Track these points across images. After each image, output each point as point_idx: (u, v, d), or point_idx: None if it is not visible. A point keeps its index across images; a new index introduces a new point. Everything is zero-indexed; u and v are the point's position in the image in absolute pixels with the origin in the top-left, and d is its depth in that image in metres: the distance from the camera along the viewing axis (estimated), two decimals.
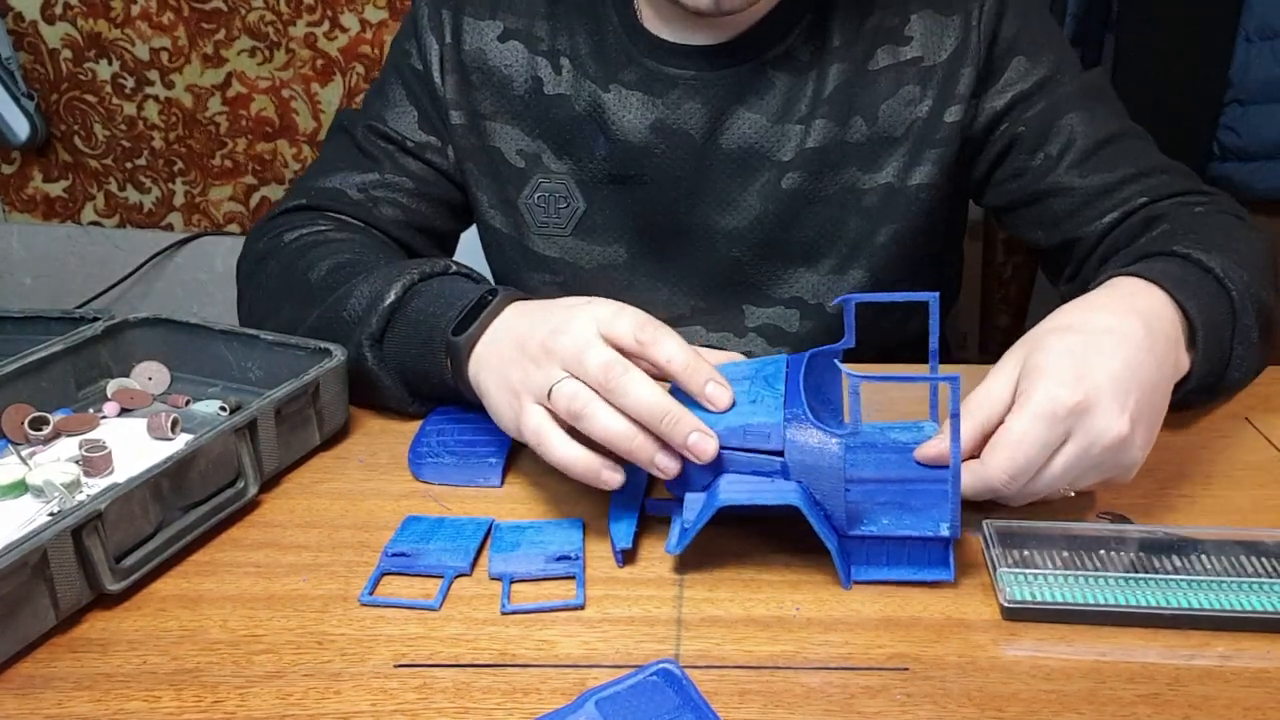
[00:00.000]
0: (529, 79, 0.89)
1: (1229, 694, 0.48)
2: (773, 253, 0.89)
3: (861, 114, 0.86)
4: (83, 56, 2.09)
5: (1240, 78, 1.46)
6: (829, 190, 0.87)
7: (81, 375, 0.74)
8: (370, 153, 0.92)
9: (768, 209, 0.87)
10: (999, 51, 0.85)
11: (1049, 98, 0.85)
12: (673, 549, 0.58)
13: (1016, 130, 0.86)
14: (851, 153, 0.87)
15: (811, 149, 0.86)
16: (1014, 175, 0.88)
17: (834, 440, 0.55)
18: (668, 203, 0.89)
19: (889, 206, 0.87)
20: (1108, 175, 0.84)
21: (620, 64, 0.87)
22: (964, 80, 0.85)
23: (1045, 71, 0.86)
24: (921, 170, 0.87)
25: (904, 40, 0.86)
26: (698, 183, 0.88)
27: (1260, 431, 0.71)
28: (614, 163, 0.88)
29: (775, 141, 0.86)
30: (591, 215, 0.91)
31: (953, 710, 0.47)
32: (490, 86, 0.90)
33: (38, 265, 2.30)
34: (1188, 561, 0.55)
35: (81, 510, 0.52)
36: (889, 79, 0.86)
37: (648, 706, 0.46)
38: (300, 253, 0.83)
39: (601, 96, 0.87)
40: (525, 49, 0.89)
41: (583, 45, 0.88)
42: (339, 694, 0.49)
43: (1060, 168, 0.85)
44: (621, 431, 0.56)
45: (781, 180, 0.87)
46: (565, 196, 0.90)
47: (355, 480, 0.68)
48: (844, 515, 0.55)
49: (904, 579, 0.56)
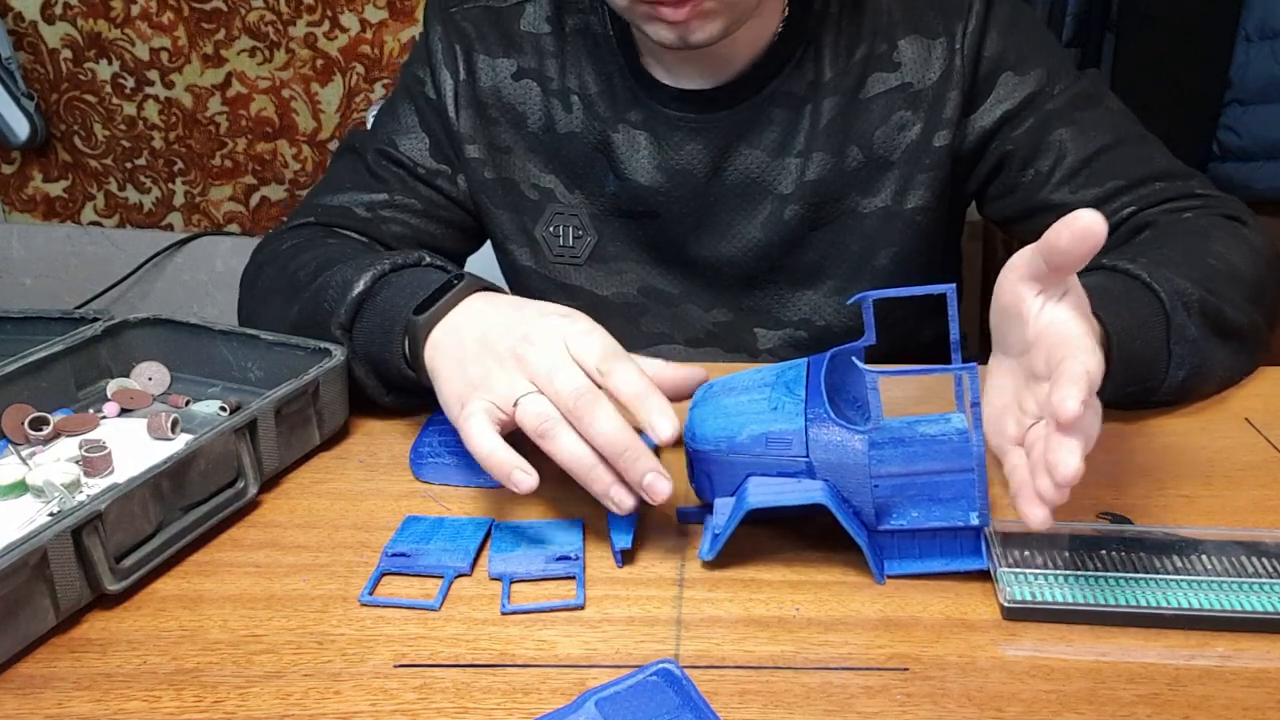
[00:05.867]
0: (542, 116, 0.91)
1: (1229, 694, 0.48)
2: (778, 277, 0.91)
3: (857, 142, 0.87)
4: (83, 56, 2.09)
5: (1240, 78, 1.46)
6: (829, 217, 0.89)
7: (81, 375, 0.74)
8: (380, 175, 0.92)
9: (771, 239, 0.89)
10: (985, 71, 0.86)
11: (1038, 114, 0.86)
12: (705, 555, 0.58)
13: (1006, 149, 0.87)
14: (850, 180, 0.88)
15: (811, 181, 0.88)
16: (1006, 192, 0.89)
17: (857, 437, 0.55)
18: (676, 236, 0.91)
19: (887, 230, 0.89)
20: (1097, 189, 0.85)
21: (626, 104, 0.89)
22: (950, 104, 0.86)
23: (1034, 86, 0.86)
24: (916, 194, 0.88)
25: (893, 66, 0.86)
26: (703, 217, 0.90)
27: (1260, 432, 0.71)
28: (623, 198, 0.90)
29: (775, 175, 0.88)
30: (604, 246, 0.93)
31: (952, 710, 0.47)
32: (507, 121, 0.91)
33: (37, 265, 2.30)
34: (1188, 562, 0.55)
35: (81, 510, 0.52)
36: (881, 105, 0.87)
37: (648, 707, 0.46)
38: (293, 254, 0.84)
39: (610, 136, 0.89)
40: (539, 88, 0.90)
41: (591, 85, 0.89)
42: (339, 694, 0.49)
43: (1050, 184, 0.86)
44: (583, 459, 0.57)
45: (784, 212, 0.89)
46: (579, 228, 0.92)
47: (355, 480, 0.68)
48: (872, 511, 0.56)
49: (937, 570, 0.56)
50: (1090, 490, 0.64)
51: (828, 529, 0.57)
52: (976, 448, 0.54)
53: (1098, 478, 0.66)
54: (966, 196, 0.93)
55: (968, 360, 0.55)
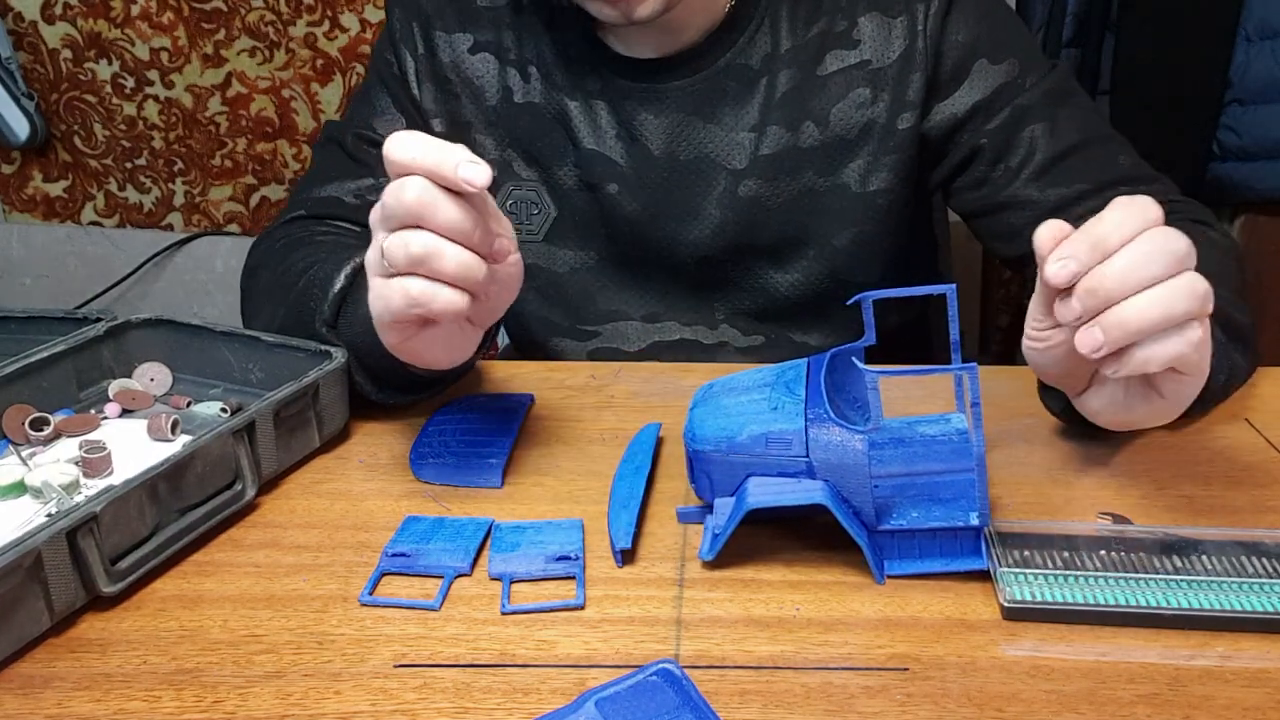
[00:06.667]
0: (500, 89, 0.91)
1: (1228, 694, 0.48)
2: (738, 255, 0.91)
3: (813, 118, 0.87)
4: (82, 56, 2.09)
5: (1240, 77, 1.46)
6: (787, 195, 0.88)
7: (83, 376, 0.74)
8: (362, 159, 0.92)
9: (728, 216, 0.89)
10: (957, 57, 0.85)
11: (1011, 107, 0.85)
12: (706, 555, 0.58)
13: (978, 142, 0.86)
14: (806, 157, 0.87)
15: (765, 155, 0.87)
16: (974, 185, 0.88)
17: (857, 437, 0.55)
18: (634, 210, 0.90)
19: (846, 210, 0.89)
20: (1065, 190, 0.84)
21: (584, 73, 0.89)
22: (914, 86, 0.85)
23: (1006, 76, 0.85)
24: (879, 176, 0.88)
25: (852, 44, 0.86)
26: (659, 193, 0.89)
27: (1259, 432, 0.71)
28: (582, 170, 0.90)
29: (729, 150, 0.88)
30: (563, 221, 0.92)
31: (953, 710, 0.47)
32: (466, 96, 0.92)
33: (37, 265, 2.30)
34: (1187, 562, 0.55)
35: (77, 512, 0.52)
36: (839, 83, 0.86)
37: (648, 707, 0.46)
38: (284, 254, 0.84)
39: (568, 105, 0.89)
40: (495, 60, 0.91)
41: (548, 54, 0.90)
42: (339, 694, 0.49)
43: (1019, 180, 0.85)
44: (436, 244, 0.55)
45: (738, 188, 0.88)
46: (536, 203, 0.92)
47: (355, 481, 0.68)
48: (872, 511, 0.56)
49: (937, 570, 0.56)
50: (1090, 490, 0.64)
51: (828, 529, 0.57)
52: (976, 448, 0.54)
53: (1098, 478, 0.66)
54: (932, 185, 0.92)
55: (967, 360, 0.55)
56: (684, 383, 0.80)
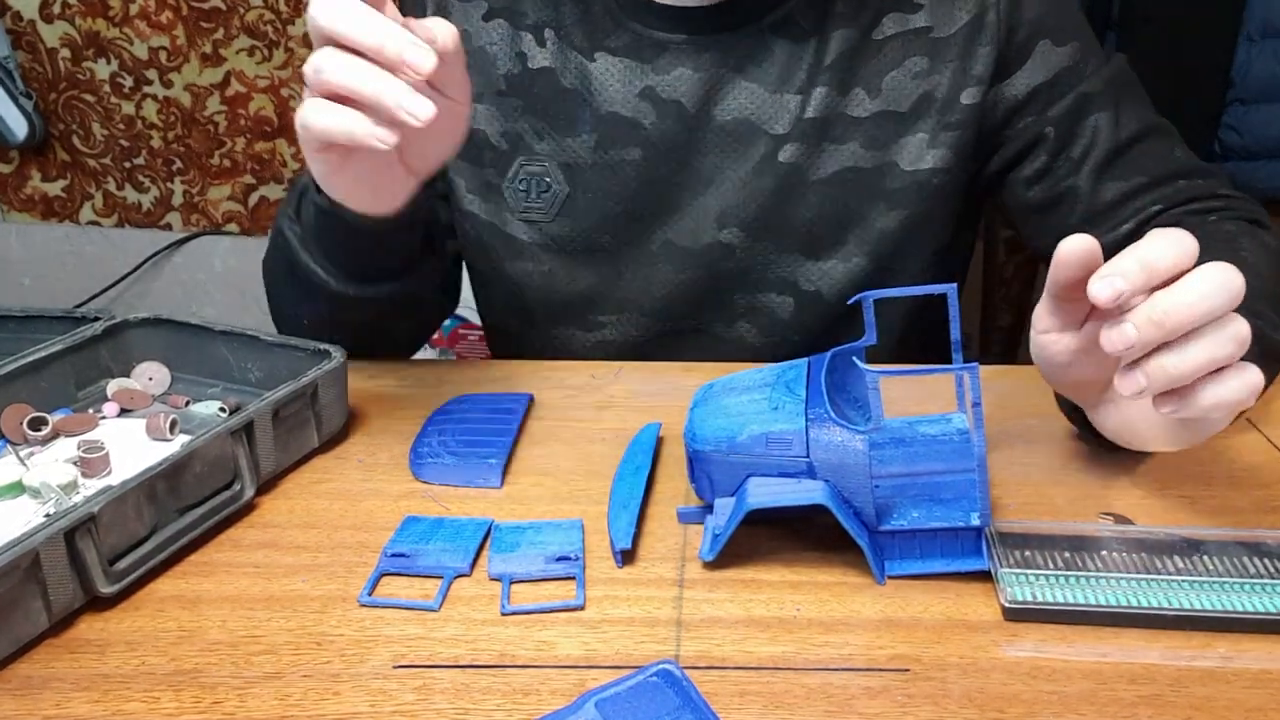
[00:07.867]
0: (513, 56, 0.86)
1: (1230, 695, 0.48)
2: (766, 234, 0.84)
3: (864, 85, 0.81)
4: (81, 56, 2.09)
5: (1242, 77, 1.46)
6: (829, 169, 0.83)
7: (81, 375, 0.74)
8: None
9: (763, 186, 0.83)
10: (1023, 35, 0.81)
11: (1075, 93, 0.81)
12: (706, 555, 0.58)
13: (1042, 129, 0.82)
14: (853, 128, 0.82)
15: (810, 120, 0.81)
16: (1034, 178, 0.84)
17: (858, 438, 0.55)
18: (656, 180, 0.84)
19: (896, 190, 0.83)
20: (1124, 184, 0.81)
21: (607, 30, 0.83)
22: (982, 60, 0.80)
23: (1068, 60, 0.81)
24: (935, 154, 0.82)
25: (914, 8, 0.81)
26: (688, 156, 0.83)
27: (1261, 431, 0.71)
28: (600, 137, 0.84)
29: (772, 113, 0.82)
30: (575, 199, 0.86)
31: (953, 711, 0.47)
32: (476, 68, 0.87)
33: (36, 265, 2.30)
34: (1189, 562, 0.55)
35: (75, 512, 0.52)
36: (895, 48, 0.81)
37: (648, 707, 0.46)
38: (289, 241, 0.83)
39: (588, 66, 0.84)
40: (509, 25, 0.87)
41: (568, 15, 0.85)
42: (338, 695, 0.49)
43: (1080, 173, 0.82)
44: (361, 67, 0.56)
45: (778, 153, 0.82)
46: (548, 179, 0.87)
47: (354, 481, 0.67)
48: (873, 511, 0.56)
49: (938, 571, 0.56)
50: (1092, 490, 0.64)
51: (828, 529, 0.56)
52: (977, 448, 0.54)
53: (1099, 478, 0.66)
54: (987, 174, 0.86)
55: (968, 360, 0.55)
56: (684, 383, 0.80)
